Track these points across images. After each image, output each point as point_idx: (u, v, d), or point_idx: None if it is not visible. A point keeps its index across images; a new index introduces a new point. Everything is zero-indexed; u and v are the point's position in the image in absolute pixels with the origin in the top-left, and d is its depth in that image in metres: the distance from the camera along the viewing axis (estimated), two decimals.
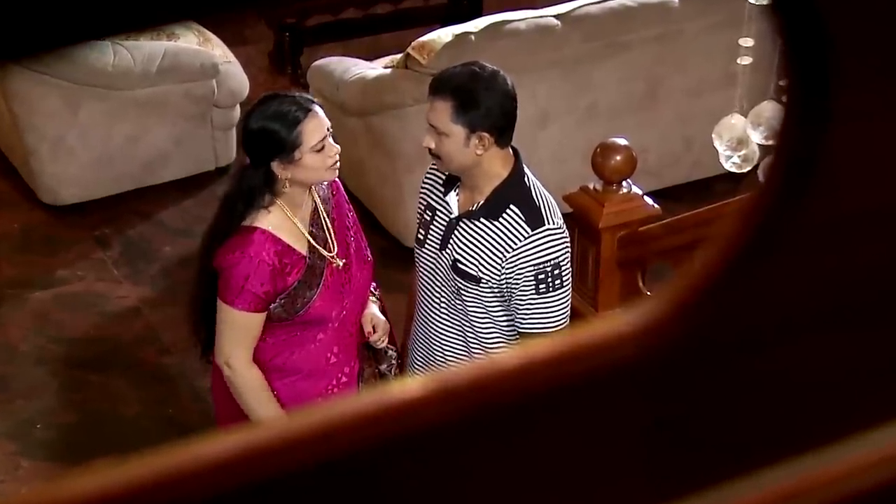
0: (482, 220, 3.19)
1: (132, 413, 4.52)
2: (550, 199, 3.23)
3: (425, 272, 3.33)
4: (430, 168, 3.35)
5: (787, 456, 0.85)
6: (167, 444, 0.77)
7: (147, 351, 4.82)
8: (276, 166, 3.11)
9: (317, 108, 3.13)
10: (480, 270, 3.19)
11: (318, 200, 3.30)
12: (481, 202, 3.19)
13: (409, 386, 0.75)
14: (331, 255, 3.28)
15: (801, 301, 0.83)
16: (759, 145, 3.60)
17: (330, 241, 3.30)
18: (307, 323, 3.27)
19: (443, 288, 3.28)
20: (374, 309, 3.46)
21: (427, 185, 3.36)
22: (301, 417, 0.75)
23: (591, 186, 4.06)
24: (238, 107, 5.82)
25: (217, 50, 5.87)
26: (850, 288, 0.84)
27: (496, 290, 3.21)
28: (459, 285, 3.23)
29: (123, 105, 5.53)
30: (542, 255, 3.14)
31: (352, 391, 3.38)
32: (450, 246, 3.24)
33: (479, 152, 3.11)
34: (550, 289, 3.16)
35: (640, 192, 4.07)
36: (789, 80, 0.75)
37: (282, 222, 3.19)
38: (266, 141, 3.10)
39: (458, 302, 3.26)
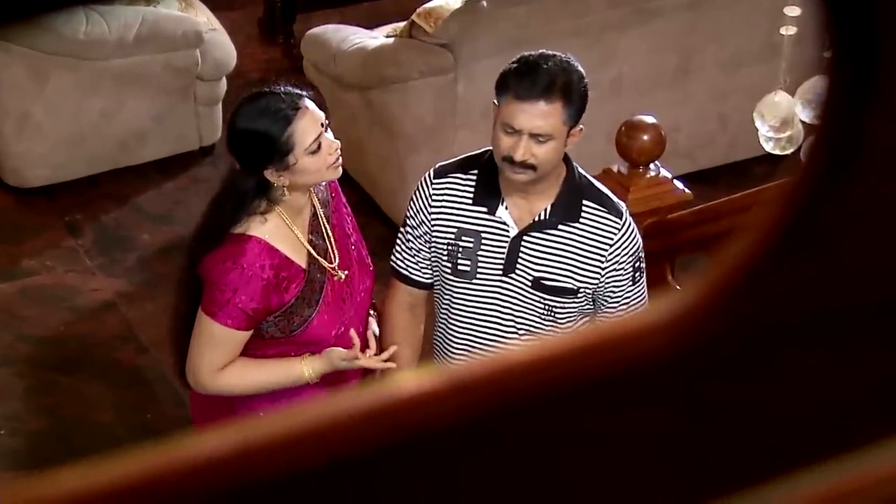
0: (560, 226, 3.16)
1: (106, 419, 4.54)
2: None
3: (480, 306, 3.25)
4: (436, 187, 3.24)
5: (827, 458, 0.87)
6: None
7: (123, 350, 4.84)
8: (270, 174, 3.05)
9: (307, 103, 3.07)
10: (577, 280, 3.18)
11: (317, 204, 3.24)
12: (548, 207, 3.16)
13: (415, 382, 0.76)
14: (332, 266, 3.23)
15: (845, 293, 0.84)
16: (804, 124, 3.59)
17: (331, 250, 3.24)
18: (302, 344, 3.23)
19: (518, 314, 3.23)
20: (372, 327, 3.40)
21: (444, 210, 3.24)
22: (296, 416, 0.76)
23: (615, 169, 4.06)
24: (224, 80, 5.83)
25: (201, 16, 5.88)
26: None
27: (591, 296, 3.22)
28: (551, 304, 3.20)
29: (97, 77, 5.54)
30: (635, 240, 3.21)
31: None
32: (520, 266, 3.18)
33: (567, 149, 3.12)
34: (642, 274, 3.23)
35: (669, 176, 4.07)
36: (832, 52, 0.76)
37: (279, 231, 3.12)
38: (255, 146, 3.04)
39: (546, 322, 3.22)
